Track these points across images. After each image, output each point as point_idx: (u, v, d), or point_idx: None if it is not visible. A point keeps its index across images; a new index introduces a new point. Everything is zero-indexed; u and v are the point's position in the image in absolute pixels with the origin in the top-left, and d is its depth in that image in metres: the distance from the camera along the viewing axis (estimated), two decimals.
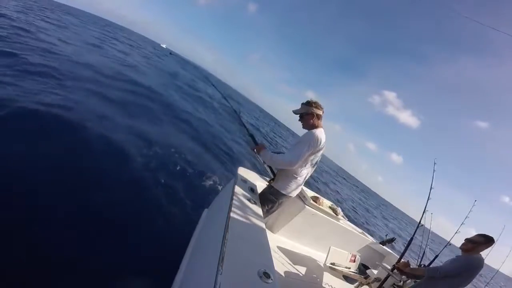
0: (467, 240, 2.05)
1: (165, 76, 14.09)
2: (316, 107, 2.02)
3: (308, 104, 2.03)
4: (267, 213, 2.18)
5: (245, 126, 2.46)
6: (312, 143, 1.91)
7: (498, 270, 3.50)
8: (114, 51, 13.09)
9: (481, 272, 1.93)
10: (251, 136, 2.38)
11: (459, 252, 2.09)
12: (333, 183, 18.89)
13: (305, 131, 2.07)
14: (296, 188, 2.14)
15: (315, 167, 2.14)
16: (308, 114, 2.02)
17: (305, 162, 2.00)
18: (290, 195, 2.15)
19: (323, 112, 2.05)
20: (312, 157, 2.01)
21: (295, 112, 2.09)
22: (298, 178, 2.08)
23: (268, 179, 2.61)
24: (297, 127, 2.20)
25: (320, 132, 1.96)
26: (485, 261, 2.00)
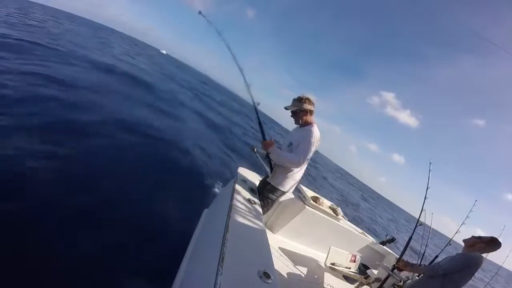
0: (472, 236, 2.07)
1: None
2: (308, 103, 2.04)
3: (300, 100, 2.04)
4: (265, 210, 2.19)
5: (259, 120, 2.40)
6: (314, 142, 1.95)
7: (501, 266, 3.49)
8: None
9: (484, 267, 1.93)
10: (262, 130, 2.36)
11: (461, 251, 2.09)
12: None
13: (296, 126, 2.13)
14: (293, 183, 2.16)
15: (308, 161, 2.15)
16: (302, 111, 2.04)
17: None
18: (286, 190, 2.18)
19: (314, 107, 2.08)
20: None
21: (287, 108, 2.10)
22: (295, 175, 2.11)
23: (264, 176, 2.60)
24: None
25: (317, 130, 2.00)
26: (489, 257, 2.00)
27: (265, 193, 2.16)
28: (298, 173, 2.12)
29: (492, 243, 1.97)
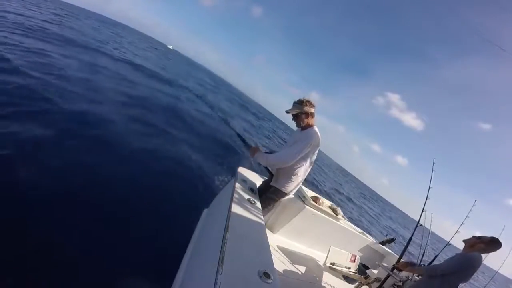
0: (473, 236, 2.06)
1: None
2: (309, 106, 2.03)
3: (301, 103, 2.04)
4: (267, 212, 2.19)
5: (234, 130, 2.48)
6: (310, 142, 1.95)
7: (497, 271, 3.49)
8: None
9: (480, 272, 1.93)
10: (242, 140, 2.40)
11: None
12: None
13: (297, 129, 2.12)
14: (296, 185, 2.16)
15: (312, 164, 2.17)
16: (303, 114, 2.03)
17: (304, 160, 2.03)
18: (289, 193, 2.17)
19: (315, 110, 2.08)
20: (310, 155, 2.04)
21: (288, 111, 2.09)
22: (298, 177, 2.10)
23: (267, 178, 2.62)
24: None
25: (316, 131, 2.00)
26: (485, 262, 2.00)
27: (268, 194, 2.16)
28: (301, 175, 2.11)
29: (493, 243, 1.97)
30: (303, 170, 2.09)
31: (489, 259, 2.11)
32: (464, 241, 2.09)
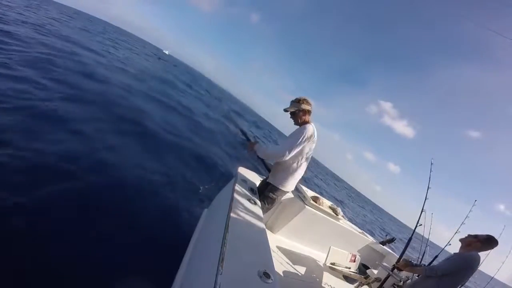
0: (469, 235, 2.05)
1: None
2: (306, 104, 2.11)
3: (298, 101, 2.11)
4: (266, 211, 2.20)
5: (237, 125, 2.58)
6: (304, 136, 1.99)
7: (493, 277, 3.47)
8: None
9: (476, 280, 1.93)
10: (244, 134, 2.50)
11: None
12: None
13: (297, 127, 2.15)
14: (293, 182, 2.18)
15: (308, 160, 2.19)
16: (300, 111, 2.10)
17: (300, 155, 2.06)
18: (287, 190, 2.19)
19: (311, 108, 2.14)
20: (307, 150, 2.06)
21: (286, 110, 2.15)
22: (294, 172, 2.13)
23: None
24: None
25: (311, 127, 2.04)
26: (480, 268, 1.99)
27: (266, 192, 2.17)
28: (298, 172, 2.13)
29: (489, 241, 1.96)
30: (299, 166, 2.12)
31: (485, 264, 2.10)
32: (461, 240, 2.09)
